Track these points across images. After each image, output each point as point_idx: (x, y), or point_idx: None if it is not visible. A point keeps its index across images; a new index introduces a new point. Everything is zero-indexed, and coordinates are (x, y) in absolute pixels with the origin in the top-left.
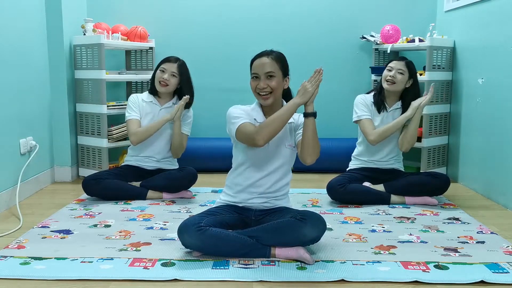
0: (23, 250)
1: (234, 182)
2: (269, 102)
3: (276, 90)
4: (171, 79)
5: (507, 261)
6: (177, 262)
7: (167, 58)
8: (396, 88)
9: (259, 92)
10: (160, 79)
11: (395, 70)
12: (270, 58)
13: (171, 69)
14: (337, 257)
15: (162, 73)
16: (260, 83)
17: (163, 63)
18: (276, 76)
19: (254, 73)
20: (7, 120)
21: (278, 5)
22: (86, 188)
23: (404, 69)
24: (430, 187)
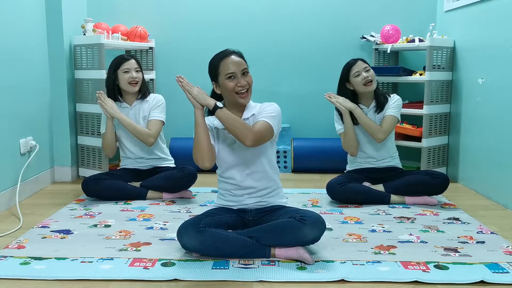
0: (23, 250)
1: (222, 187)
2: (248, 99)
3: (251, 86)
4: (138, 75)
5: (507, 261)
6: (177, 262)
7: (123, 58)
8: (374, 85)
9: (239, 91)
10: (129, 80)
11: (362, 70)
12: (238, 55)
13: (133, 66)
14: (337, 257)
15: (128, 73)
16: (240, 81)
17: (122, 64)
18: (249, 72)
19: (230, 73)
20: (7, 120)
21: (278, 5)
22: (86, 189)
23: (367, 65)
24: (430, 186)
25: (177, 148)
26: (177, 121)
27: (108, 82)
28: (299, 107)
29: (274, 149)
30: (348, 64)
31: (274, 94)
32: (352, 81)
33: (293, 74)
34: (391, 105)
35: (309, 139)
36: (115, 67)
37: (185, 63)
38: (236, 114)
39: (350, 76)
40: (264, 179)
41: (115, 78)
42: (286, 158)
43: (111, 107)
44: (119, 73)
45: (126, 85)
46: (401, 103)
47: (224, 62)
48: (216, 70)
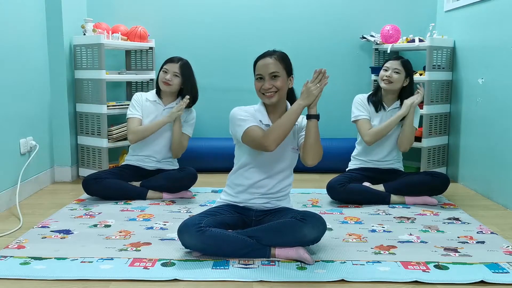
0: (23, 250)
1: (236, 182)
2: (274, 100)
3: (281, 89)
4: (173, 79)
5: (507, 261)
6: (177, 262)
7: (170, 59)
8: (393, 87)
9: (264, 93)
10: (163, 80)
11: (391, 69)
12: (273, 58)
13: (173, 69)
14: (337, 257)
15: (165, 74)
16: (265, 84)
17: (166, 64)
18: (280, 76)
19: (258, 74)
20: (7, 120)
21: (279, 5)
22: (86, 187)
23: (400, 68)
24: (430, 186)
25: None
26: None
27: (157, 77)
28: None
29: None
30: (388, 59)
31: None
32: (380, 72)
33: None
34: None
35: None
36: (163, 63)
37: None
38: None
39: (383, 67)
40: (281, 184)
41: (159, 74)
42: None
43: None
44: (161, 70)
45: (160, 82)
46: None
47: (258, 63)
48: (254, 69)
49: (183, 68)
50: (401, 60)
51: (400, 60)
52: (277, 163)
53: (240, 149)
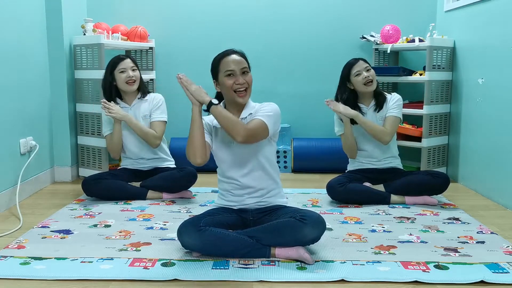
0: (23, 250)
1: (222, 188)
2: (246, 99)
3: (250, 85)
4: (135, 74)
5: (507, 261)
6: (177, 262)
7: (117, 59)
8: (375, 85)
9: (237, 89)
10: (127, 79)
11: (363, 70)
12: (239, 55)
13: (128, 65)
14: (337, 257)
15: (123, 73)
16: (239, 79)
17: (118, 65)
18: (249, 72)
19: (229, 70)
20: (7, 120)
21: (278, 6)
22: (86, 188)
23: (368, 65)
24: (430, 186)
25: (177, 148)
26: (177, 121)
27: (104, 83)
28: (299, 107)
29: (273, 148)
30: (349, 64)
31: (274, 94)
32: (353, 81)
33: (293, 74)
34: (392, 105)
35: (309, 139)
36: (111, 68)
37: (185, 63)
38: (235, 113)
39: (351, 75)
40: (263, 179)
41: (112, 79)
42: (286, 158)
43: (118, 110)
44: (116, 73)
45: (124, 85)
46: (401, 102)
47: (225, 60)
48: (217, 68)
49: (134, 60)
50: (361, 58)
51: (360, 58)
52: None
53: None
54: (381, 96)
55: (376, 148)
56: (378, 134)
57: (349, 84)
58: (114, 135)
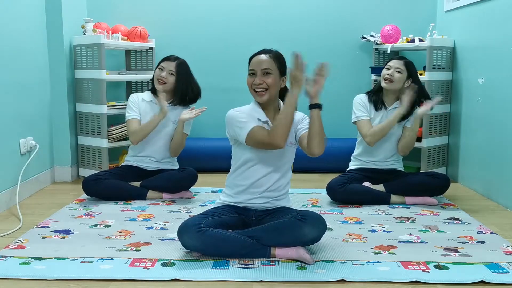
0: (23, 250)
1: (234, 183)
2: (264, 98)
3: (271, 87)
4: (168, 77)
5: (507, 261)
6: (177, 262)
7: (167, 57)
8: (394, 86)
9: (255, 89)
10: (158, 77)
11: (393, 68)
12: (268, 56)
13: (169, 67)
14: (337, 257)
15: (160, 71)
16: (256, 79)
17: (162, 62)
18: (272, 74)
19: (251, 69)
20: (7, 120)
21: (278, 5)
22: (86, 188)
23: (402, 68)
24: (430, 187)
25: None
26: None
27: (153, 74)
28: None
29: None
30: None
31: None
32: (382, 71)
33: None
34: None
35: None
36: (159, 62)
37: None
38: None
39: (385, 66)
40: (279, 182)
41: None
42: None
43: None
44: (157, 68)
45: (155, 81)
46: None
47: (253, 59)
48: (248, 65)
49: (179, 67)
50: (404, 61)
51: (404, 60)
52: (274, 160)
53: (239, 148)
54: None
55: (385, 147)
56: (411, 145)
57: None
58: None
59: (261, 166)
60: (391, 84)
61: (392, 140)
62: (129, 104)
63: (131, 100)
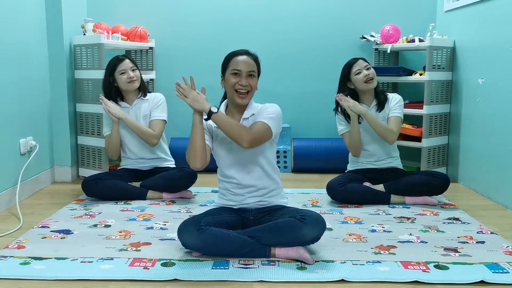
0: (23, 250)
1: (223, 187)
2: (246, 101)
3: (253, 90)
4: (134, 74)
5: (507, 261)
6: (177, 262)
7: (116, 61)
8: (375, 83)
9: (238, 89)
10: (128, 80)
11: (363, 68)
12: (251, 58)
13: (128, 66)
14: (337, 257)
15: (124, 74)
16: (242, 80)
17: (117, 66)
18: (255, 76)
19: (235, 69)
20: (7, 120)
21: (278, 5)
22: (86, 189)
23: (367, 63)
24: (430, 186)
25: (177, 148)
26: (177, 121)
27: (104, 84)
28: (299, 107)
29: (273, 149)
30: (349, 63)
31: (274, 94)
32: (353, 79)
33: (293, 74)
34: (394, 106)
35: (309, 139)
36: (111, 70)
37: (185, 63)
38: (236, 113)
39: (351, 74)
40: (263, 178)
41: (113, 80)
42: (286, 158)
43: (114, 108)
44: (116, 75)
45: (126, 85)
46: (402, 102)
47: (235, 58)
48: (227, 64)
49: (133, 60)
50: (361, 58)
51: (360, 58)
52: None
53: (215, 153)
54: (382, 95)
55: (378, 147)
56: (385, 132)
57: (350, 83)
58: (112, 135)
59: (236, 169)
60: (373, 81)
61: (377, 139)
62: (103, 120)
63: (104, 118)
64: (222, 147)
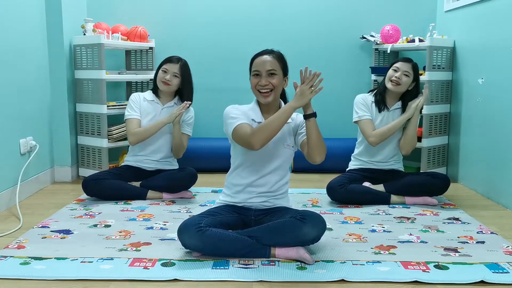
0: (23, 250)
1: (233, 182)
2: (269, 99)
3: (277, 88)
4: (173, 79)
5: (507, 261)
6: (177, 262)
7: (169, 59)
8: (400, 89)
9: (260, 90)
10: (163, 80)
11: (401, 71)
12: (271, 56)
13: (173, 69)
14: (337, 257)
15: (164, 74)
16: (262, 80)
17: (165, 64)
18: (277, 75)
19: (255, 71)
20: (7, 120)
21: (278, 5)
22: (86, 188)
23: (410, 72)
24: (430, 187)
25: None
26: None
27: (154, 74)
28: None
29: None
30: (399, 58)
31: None
32: (388, 72)
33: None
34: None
35: None
36: (161, 63)
37: None
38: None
39: (391, 66)
40: (277, 182)
41: (157, 73)
42: None
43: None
44: (160, 70)
45: (159, 82)
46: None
47: (256, 60)
48: (250, 66)
49: (183, 68)
50: (412, 64)
51: (412, 63)
52: (271, 161)
53: (235, 148)
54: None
55: (386, 147)
56: (413, 143)
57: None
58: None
59: (257, 167)
60: (398, 87)
61: (394, 141)
62: (129, 103)
63: (132, 99)
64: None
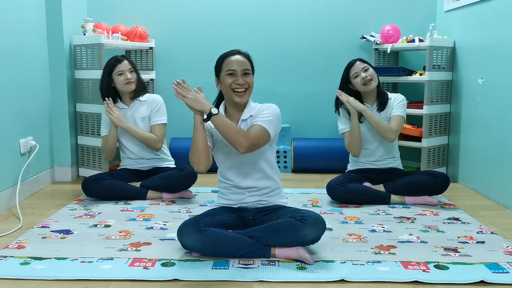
0: (23, 250)
1: (222, 186)
2: (244, 99)
3: (251, 87)
4: (132, 75)
5: (507, 261)
6: (177, 262)
7: (113, 63)
8: (375, 84)
9: (236, 89)
10: (125, 82)
11: (361, 70)
12: (243, 56)
13: (125, 67)
14: (337, 257)
15: (122, 75)
16: (239, 79)
17: (114, 68)
18: (251, 74)
19: (230, 70)
20: (7, 120)
21: (278, 5)
22: (86, 189)
23: (366, 65)
24: (430, 186)
25: (177, 148)
26: (177, 121)
27: (102, 85)
28: (299, 107)
29: (273, 150)
30: (348, 66)
31: (274, 94)
32: (353, 82)
33: (293, 74)
34: (396, 105)
35: (309, 139)
36: (109, 70)
37: (185, 63)
38: (235, 113)
39: (350, 77)
40: (264, 179)
41: (111, 81)
42: (286, 158)
43: (118, 116)
44: (114, 76)
45: (123, 86)
46: (405, 102)
47: (228, 59)
48: (220, 66)
49: (131, 62)
50: (358, 59)
51: (358, 59)
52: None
53: (215, 155)
54: (383, 95)
55: (379, 147)
56: (384, 130)
57: (351, 85)
58: (110, 137)
59: (237, 170)
60: (372, 82)
61: (377, 136)
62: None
63: (103, 118)
64: (222, 150)
